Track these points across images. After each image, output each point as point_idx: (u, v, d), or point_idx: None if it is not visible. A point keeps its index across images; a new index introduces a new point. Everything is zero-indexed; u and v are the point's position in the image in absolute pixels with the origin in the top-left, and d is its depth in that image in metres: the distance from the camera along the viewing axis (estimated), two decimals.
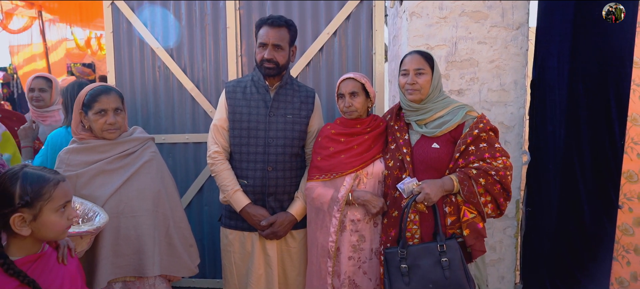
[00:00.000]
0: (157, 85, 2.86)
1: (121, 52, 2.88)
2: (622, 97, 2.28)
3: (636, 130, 2.33)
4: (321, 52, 2.69)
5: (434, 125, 1.85)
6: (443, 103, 1.87)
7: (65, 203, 1.23)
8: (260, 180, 2.02)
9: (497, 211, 1.79)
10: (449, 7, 2.39)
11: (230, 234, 2.11)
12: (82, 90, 1.83)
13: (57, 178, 1.23)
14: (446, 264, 1.68)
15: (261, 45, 1.98)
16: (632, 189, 2.37)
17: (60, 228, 1.22)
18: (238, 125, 2.03)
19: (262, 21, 2.00)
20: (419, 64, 1.85)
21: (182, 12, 2.79)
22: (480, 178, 1.72)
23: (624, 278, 2.45)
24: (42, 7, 5.22)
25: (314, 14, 2.68)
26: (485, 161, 1.75)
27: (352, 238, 1.92)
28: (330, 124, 2.06)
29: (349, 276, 1.92)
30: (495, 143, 1.80)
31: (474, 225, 1.74)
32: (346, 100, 1.94)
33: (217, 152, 2.06)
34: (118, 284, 1.79)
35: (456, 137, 1.81)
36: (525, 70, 2.46)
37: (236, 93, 2.06)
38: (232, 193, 2.02)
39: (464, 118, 1.82)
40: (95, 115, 1.75)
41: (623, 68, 2.27)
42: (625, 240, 2.42)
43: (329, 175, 1.93)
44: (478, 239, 1.75)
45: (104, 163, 1.77)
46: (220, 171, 2.04)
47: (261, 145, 2.02)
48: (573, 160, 2.37)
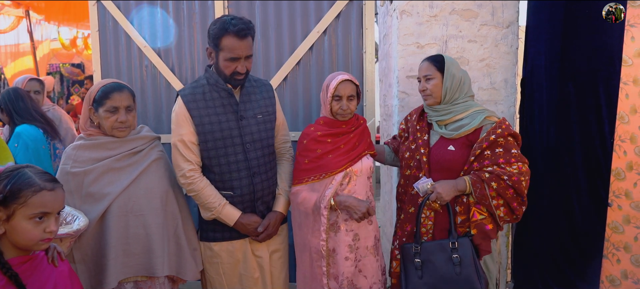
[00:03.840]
0: (145, 84, 2.82)
1: (107, 51, 2.83)
2: (611, 96, 2.29)
3: (624, 128, 2.34)
4: (311, 51, 2.67)
5: (452, 128, 1.90)
6: (464, 105, 1.91)
7: (43, 214, 1.17)
8: (247, 187, 1.92)
9: (512, 215, 1.84)
10: (439, 5, 2.39)
11: (216, 246, 1.97)
12: (93, 87, 1.78)
13: (43, 186, 1.17)
14: (457, 261, 1.76)
15: (232, 60, 1.81)
16: (619, 186, 2.38)
17: (32, 237, 1.16)
18: (211, 136, 1.86)
19: (225, 29, 1.77)
20: (427, 71, 1.94)
21: (170, 10, 2.75)
22: (493, 182, 1.77)
23: (614, 276, 2.45)
24: (30, 7, 5.15)
25: (303, 13, 2.66)
26: (499, 166, 1.79)
27: (347, 238, 1.90)
28: (313, 125, 2.02)
29: (347, 277, 1.90)
30: (513, 149, 1.83)
31: (481, 226, 1.81)
32: (344, 102, 1.92)
33: (192, 170, 1.86)
34: (129, 284, 1.77)
35: (473, 140, 1.85)
36: (516, 68, 2.46)
37: (197, 102, 1.86)
38: (221, 208, 1.88)
39: (482, 122, 1.86)
40: (107, 112, 1.71)
41: (612, 67, 2.27)
42: (615, 237, 2.43)
43: (319, 176, 1.91)
44: (485, 239, 1.82)
45: (112, 160, 1.74)
46: (201, 189, 1.86)
47: (240, 152, 1.91)
48: (564, 159, 2.38)
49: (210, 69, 1.91)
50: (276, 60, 2.70)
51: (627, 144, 2.34)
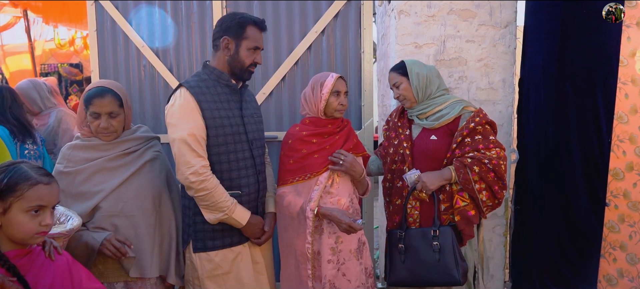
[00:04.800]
0: (143, 84, 2.82)
1: (105, 51, 2.83)
2: (609, 96, 2.30)
3: (622, 128, 2.34)
4: (309, 51, 2.67)
5: (433, 118, 2.00)
6: (442, 98, 2.02)
7: (39, 207, 1.19)
8: (254, 186, 1.87)
9: (494, 200, 1.92)
10: (438, 5, 2.39)
11: (216, 256, 1.82)
12: (86, 88, 1.82)
13: (39, 179, 1.19)
14: (437, 248, 1.88)
15: (255, 49, 1.81)
16: (618, 186, 2.39)
17: (28, 230, 1.18)
18: (221, 130, 1.78)
19: (249, 19, 1.81)
20: (394, 79, 2.06)
21: (168, 10, 2.75)
22: (475, 166, 1.86)
23: (611, 275, 2.46)
24: (28, 7, 5.14)
25: (301, 13, 2.66)
26: (479, 151, 1.89)
27: (330, 240, 1.90)
28: (298, 125, 2.00)
29: (329, 280, 1.89)
30: (491, 136, 1.94)
31: (464, 212, 1.91)
32: (342, 97, 1.94)
33: (204, 166, 1.73)
34: (119, 284, 1.78)
35: (453, 129, 1.96)
36: (514, 68, 2.47)
37: (205, 95, 1.78)
38: (234, 207, 1.78)
39: (460, 111, 1.96)
40: (90, 116, 1.75)
41: (610, 67, 2.28)
42: (611, 237, 2.43)
43: (303, 177, 1.91)
44: (468, 225, 1.92)
45: (104, 160, 1.76)
46: (214, 188, 1.73)
47: (247, 149, 1.86)
48: (562, 159, 2.38)
49: (210, 65, 1.86)
50: (274, 60, 2.70)
51: (627, 144, 2.34)
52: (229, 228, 1.84)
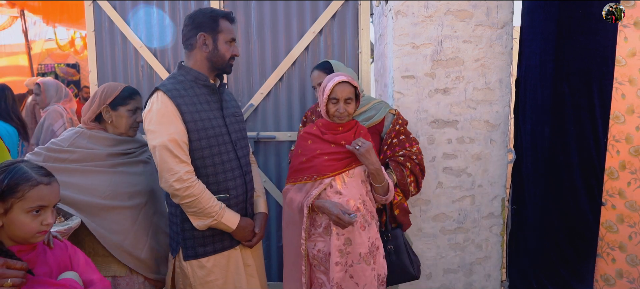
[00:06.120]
0: (141, 84, 2.82)
1: (103, 51, 2.83)
2: (605, 96, 2.31)
3: (618, 127, 2.35)
4: (307, 51, 2.68)
5: (361, 119, 2.11)
6: (365, 99, 2.17)
7: (40, 207, 1.20)
8: (241, 187, 1.83)
9: (417, 189, 2.14)
10: (434, 5, 2.40)
11: (208, 262, 1.77)
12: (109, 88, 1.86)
13: (40, 180, 1.20)
14: (392, 251, 2.01)
15: (232, 40, 1.77)
16: (613, 186, 2.39)
17: (29, 230, 1.19)
18: (204, 133, 1.71)
19: (218, 12, 1.76)
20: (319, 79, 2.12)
21: (166, 10, 2.75)
22: (407, 163, 2.07)
23: (609, 275, 2.47)
24: (25, 7, 5.13)
25: (299, 13, 2.66)
26: (406, 149, 2.10)
27: (338, 242, 1.85)
28: (314, 125, 1.98)
29: (337, 283, 1.85)
30: (410, 134, 2.16)
31: (401, 205, 2.08)
32: (341, 105, 1.84)
33: (188, 172, 1.66)
34: (108, 278, 1.77)
35: (379, 130, 2.13)
36: (510, 68, 2.47)
37: (183, 98, 1.70)
38: (222, 212, 1.73)
39: (384, 114, 2.13)
40: (129, 111, 1.83)
41: (606, 67, 2.29)
42: (609, 237, 2.44)
43: (310, 177, 1.89)
44: (406, 216, 2.10)
45: (102, 155, 1.79)
46: (201, 193, 1.67)
47: (231, 150, 1.80)
48: (559, 158, 2.39)
49: (186, 66, 1.79)
50: (272, 60, 2.71)
51: (622, 144, 2.35)
52: (219, 233, 1.80)
